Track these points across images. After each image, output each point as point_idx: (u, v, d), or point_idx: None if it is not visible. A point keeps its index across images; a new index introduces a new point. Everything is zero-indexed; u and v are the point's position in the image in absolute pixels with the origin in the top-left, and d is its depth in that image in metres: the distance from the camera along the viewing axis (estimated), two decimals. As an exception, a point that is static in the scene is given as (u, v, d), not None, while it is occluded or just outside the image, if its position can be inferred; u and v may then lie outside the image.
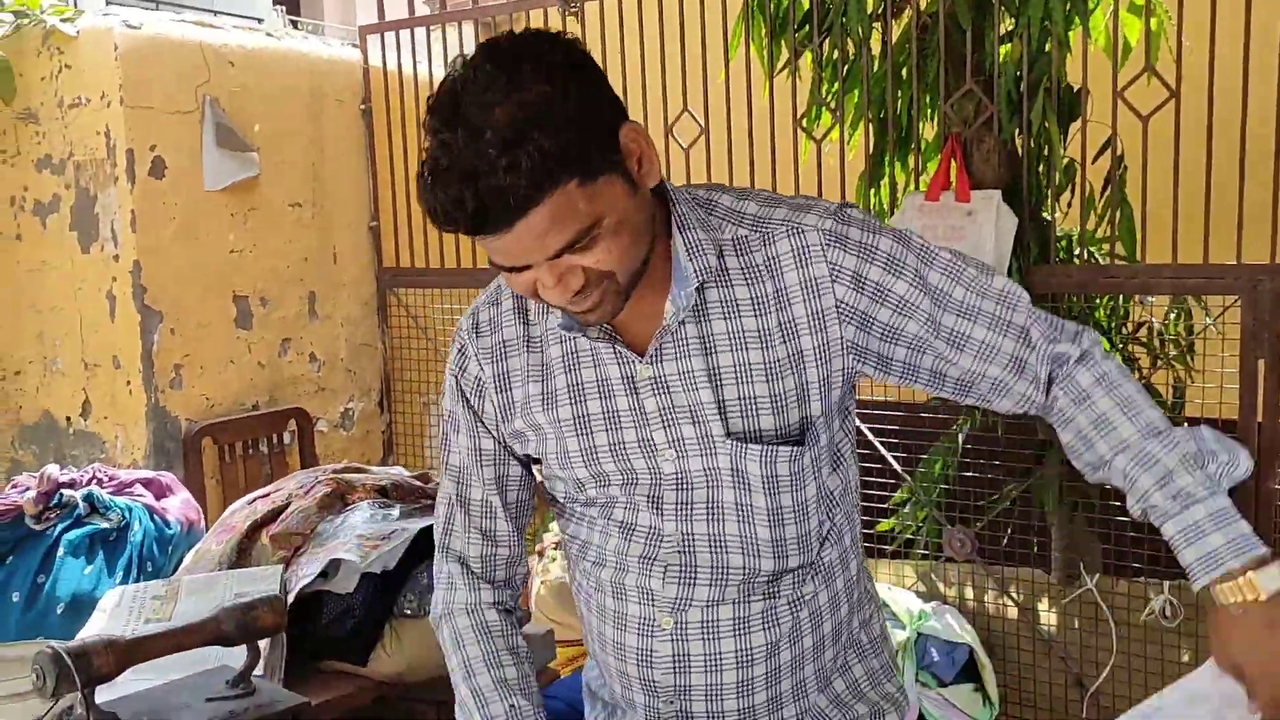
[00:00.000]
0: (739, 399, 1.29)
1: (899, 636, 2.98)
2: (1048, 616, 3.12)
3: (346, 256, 3.95)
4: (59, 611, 2.11)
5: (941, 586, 3.27)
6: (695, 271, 1.27)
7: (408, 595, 2.08)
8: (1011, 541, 3.11)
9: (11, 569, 2.14)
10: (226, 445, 3.52)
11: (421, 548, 2.11)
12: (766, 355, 1.28)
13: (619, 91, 3.33)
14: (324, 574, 2.04)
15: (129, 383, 3.40)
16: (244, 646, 1.81)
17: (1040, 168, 2.98)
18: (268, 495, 2.23)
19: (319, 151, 3.83)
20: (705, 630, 1.35)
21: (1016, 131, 2.90)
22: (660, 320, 1.30)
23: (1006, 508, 3.10)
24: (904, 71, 3.05)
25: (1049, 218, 2.95)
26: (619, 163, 1.18)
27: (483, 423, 1.42)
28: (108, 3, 4.08)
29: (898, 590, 3.20)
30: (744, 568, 1.34)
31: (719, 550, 1.34)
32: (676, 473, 1.33)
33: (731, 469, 1.31)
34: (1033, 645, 3.10)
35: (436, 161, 1.12)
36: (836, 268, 1.26)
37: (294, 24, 4.09)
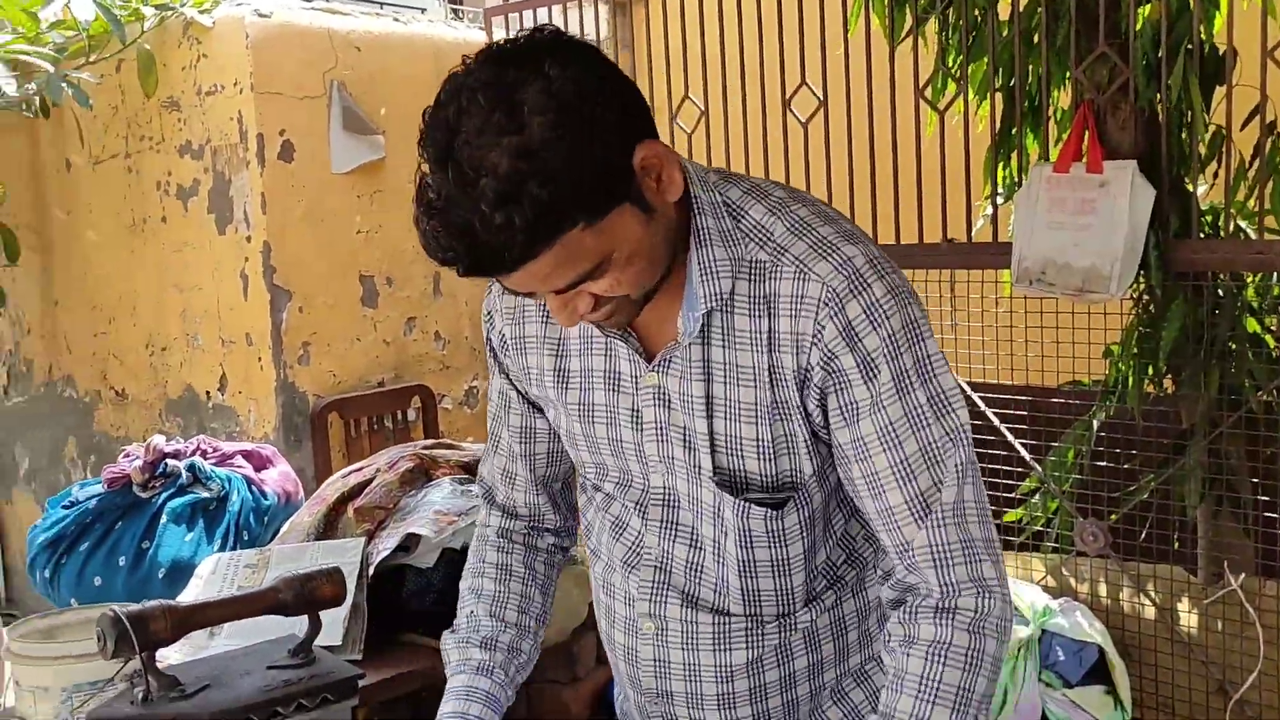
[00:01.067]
0: (725, 435, 1.22)
1: (1020, 633, 2.83)
2: (1188, 617, 2.91)
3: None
4: (160, 576, 2.19)
5: (1072, 582, 3.10)
6: (705, 296, 1.18)
7: (487, 571, 2.07)
8: (1149, 536, 2.91)
9: (119, 534, 2.24)
10: (352, 421, 3.61)
11: (502, 524, 2.10)
12: (758, 395, 1.20)
13: (736, 68, 3.27)
14: (404, 548, 2.05)
15: (260, 359, 3.52)
16: (339, 625, 1.84)
17: (1182, 136, 2.77)
18: (359, 469, 2.27)
19: (444, 133, 3.88)
20: (685, 640, 1.31)
21: (1156, 97, 2.70)
22: (673, 331, 1.23)
23: (1144, 500, 2.91)
24: (1034, 37, 2.88)
25: (1192, 189, 2.74)
26: (632, 191, 1.10)
27: (509, 376, 1.41)
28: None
29: (1022, 584, 3.04)
30: (713, 605, 1.30)
31: (693, 579, 1.30)
32: (664, 488, 1.29)
33: (712, 506, 1.26)
34: (1171, 648, 2.90)
35: (429, 200, 1.07)
36: (820, 331, 1.15)
37: (455, 13, 4.15)
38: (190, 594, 2.10)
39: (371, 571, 2.03)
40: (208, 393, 3.71)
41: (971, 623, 1.16)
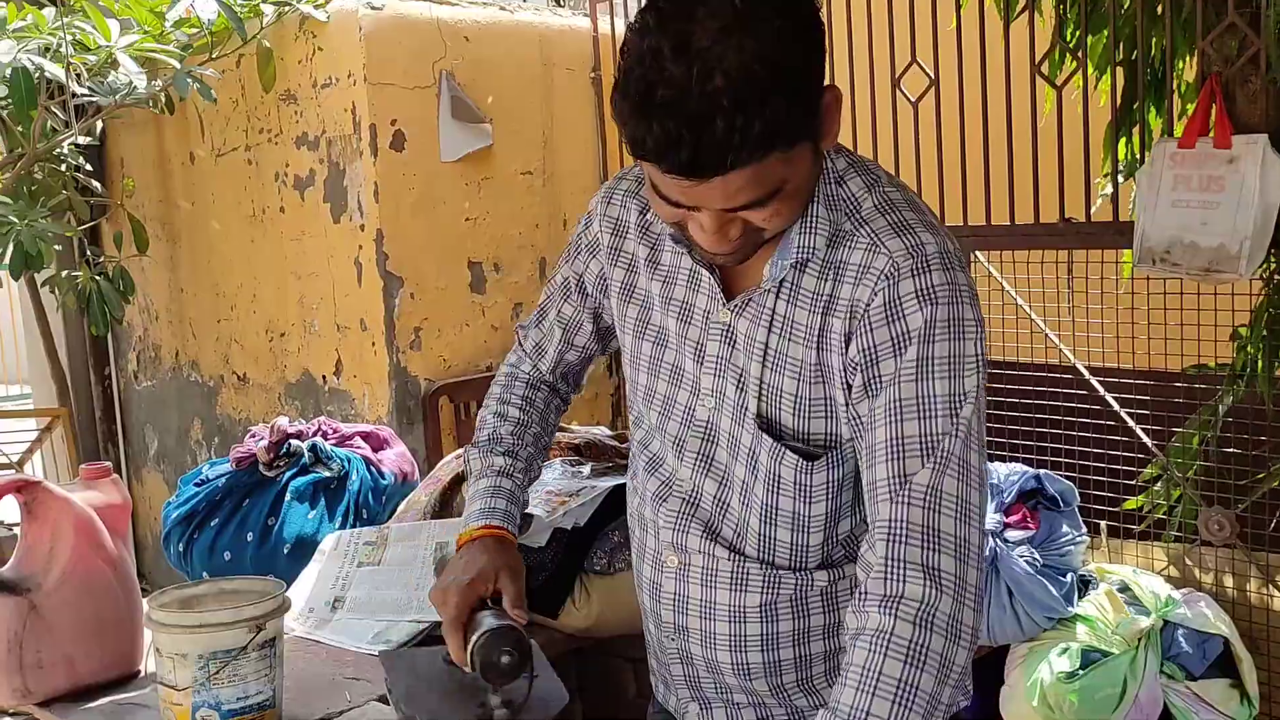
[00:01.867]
0: (769, 385, 1.27)
1: (1142, 624, 2.76)
2: (1321, 610, 2.81)
3: (576, 222, 4.03)
4: (285, 551, 2.27)
5: (1196, 572, 3.01)
6: (799, 248, 1.22)
7: (598, 552, 2.10)
8: (1278, 526, 2.81)
9: (247, 511, 2.32)
10: (462, 404, 3.67)
11: (612, 507, 2.12)
12: (803, 354, 1.24)
13: (843, 46, 3.23)
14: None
15: (374, 344, 3.60)
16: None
17: (1316, 108, 2.66)
18: (474, 450, 2.31)
19: (550, 120, 3.92)
20: (705, 576, 1.34)
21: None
22: (758, 277, 1.27)
23: (1273, 488, 2.81)
24: (1157, 8, 2.79)
25: (1326, 164, 2.62)
26: (816, 130, 1.13)
27: (582, 275, 1.48)
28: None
29: (1144, 574, 2.96)
30: (730, 542, 1.33)
31: (717, 514, 1.33)
32: (707, 423, 1.32)
33: (749, 448, 1.29)
34: (1301, 641, 2.80)
35: (652, 89, 1.04)
36: (871, 300, 1.19)
37: (560, 1, 4.18)
38: (314, 568, 2.17)
39: (487, 550, 2.07)
40: (324, 377, 3.81)
41: (916, 614, 1.10)
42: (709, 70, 1.03)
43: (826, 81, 1.14)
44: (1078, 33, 2.89)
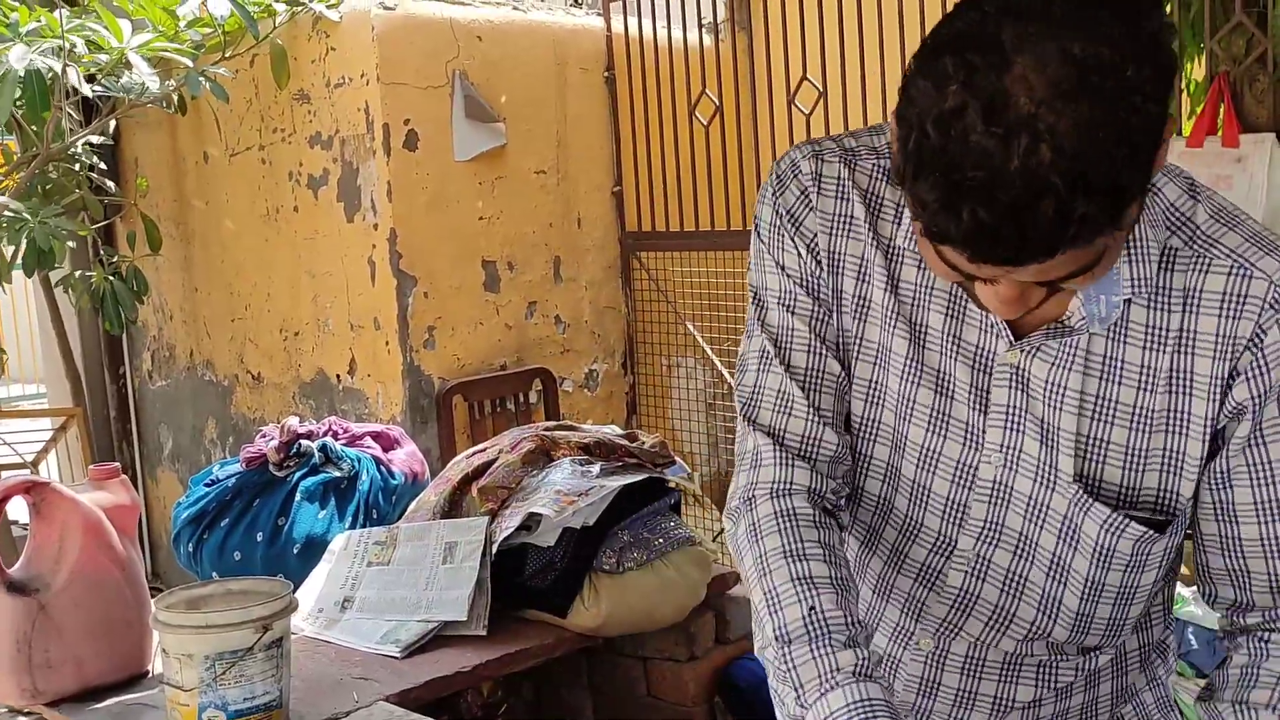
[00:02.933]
0: (1089, 437, 1.05)
1: (1151, 622, 2.76)
2: (1331, 610, 2.79)
3: (590, 221, 4.05)
4: (295, 551, 2.29)
5: (1206, 571, 3.00)
6: (1131, 280, 1.00)
7: (606, 551, 2.11)
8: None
9: (257, 511, 2.34)
10: (476, 403, 3.69)
11: (621, 506, 2.14)
12: (1140, 399, 1.03)
13: (855, 48, 3.23)
14: (527, 527, 2.10)
15: (387, 343, 3.62)
16: (463, 602, 1.75)
17: (1327, 106, 2.65)
18: (483, 450, 2.33)
19: (563, 119, 3.93)
20: (968, 665, 1.17)
21: (1297, 67, 2.59)
22: (1057, 310, 1.02)
23: None
24: (1166, 7, 2.78)
25: (1337, 162, 2.62)
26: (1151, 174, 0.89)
27: (818, 279, 1.13)
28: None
29: (1153, 573, 2.95)
30: (1033, 624, 1.14)
31: (1011, 593, 1.13)
32: (994, 482, 1.10)
33: (1065, 516, 1.07)
34: (1312, 640, 2.79)
35: (957, 165, 0.82)
36: (1261, 335, 0.99)
37: (577, 0, 4.17)
38: (324, 567, 2.19)
39: (495, 550, 2.09)
40: (338, 376, 3.83)
41: None
42: (1035, 143, 0.80)
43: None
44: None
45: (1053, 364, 1.05)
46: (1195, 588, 2.72)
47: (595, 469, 2.16)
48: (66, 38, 3.23)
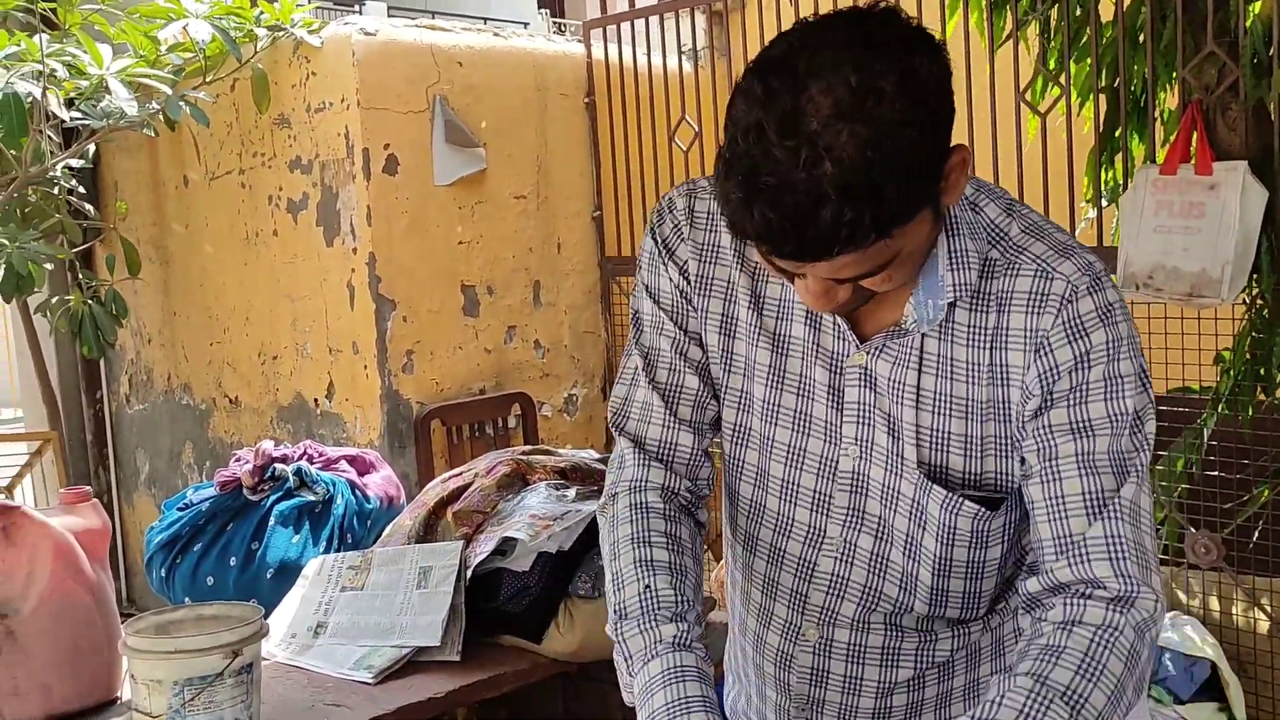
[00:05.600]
0: (932, 429, 1.19)
1: (1127, 647, 2.76)
2: (1307, 634, 2.81)
3: (570, 246, 4.05)
4: (269, 576, 2.28)
5: (1182, 596, 3.01)
6: (954, 286, 1.15)
7: (582, 576, 2.10)
8: (1262, 549, 2.81)
9: (230, 535, 2.33)
10: (454, 427, 3.68)
11: (595, 530, 2.13)
12: (971, 391, 1.17)
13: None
14: (501, 551, 2.10)
15: (366, 367, 3.62)
16: (437, 627, 1.74)
17: (1297, 135, 2.68)
18: (459, 474, 2.32)
19: (543, 145, 3.94)
20: (851, 651, 1.27)
21: (1267, 96, 2.62)
22: (896, 314, 1.18)
23: (1258, 511, 2.81)
24: (1139, 36, 2.81)
25: (1307, 190, 2.64)
26: (937, 195, 1.05)
27: (688, 302, 1.27)
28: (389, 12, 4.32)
29: (1130, 597, 2.96)
30: (897, 600, 1.25)
31: (877, 573, 1.24)
32: (853, 474, 1.22)
33: (912, 499, 1.20)
34: (1288, 665, 2.80)
35: (756, 172, 0.98)
36: (1053, 325, 1.13)
37: (559, 27, 4.22)
38: (297, 592, 2.17)
39: (469, 574, 2.08)
40: (316, 400, 3.82)
41: (1140, 624, 1.10)
42: (817, 156, 0.96)
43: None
44: (1061, 60, 2.92)
45: (894, 363, 1.19)
46: (1172, 613, 2.70)
47: (571, 493, 2.15)
48: (46, 62, 3.23)
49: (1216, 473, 2.85)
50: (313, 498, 2.34)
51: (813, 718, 1.30)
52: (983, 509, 1.18)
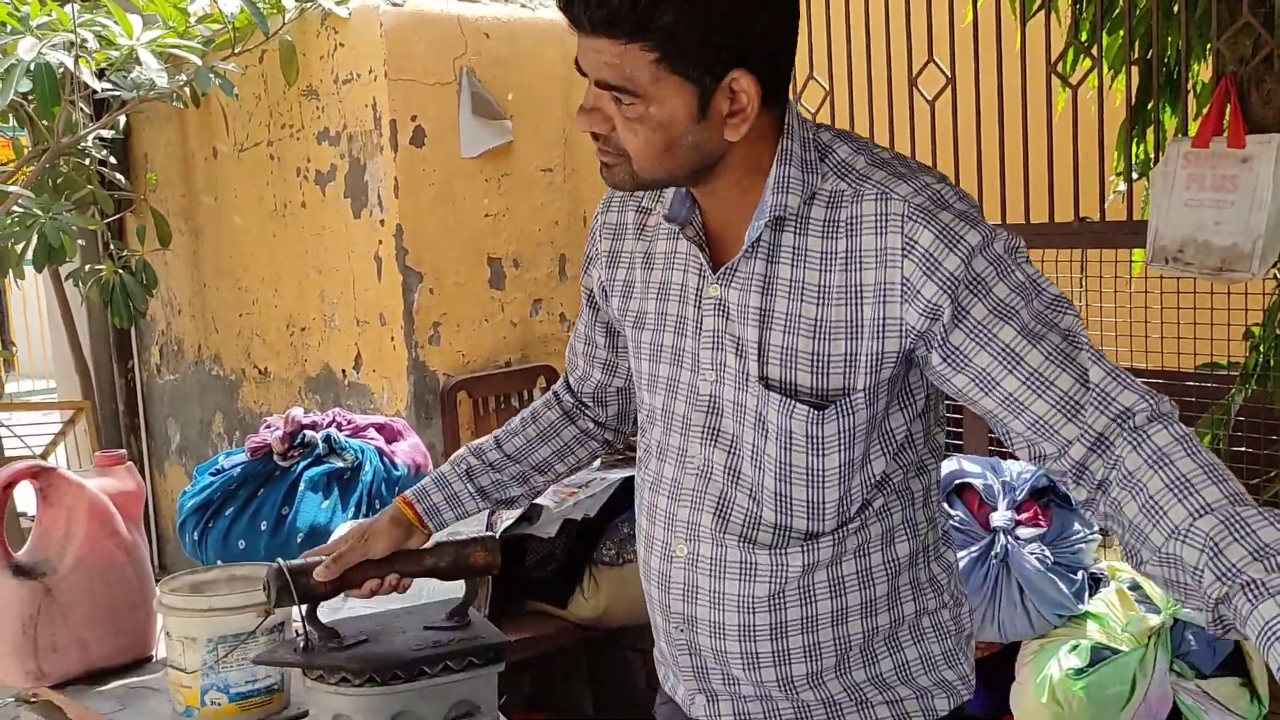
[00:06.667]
0: (781, 348, 1.29)
1: (1152, 622, 2.76)
2: (1333, 611, 2.79)
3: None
4: (299, 541, 2.30)
5: (1208, 571, 3.00)
6: (772, 206, 1.26)
7: (606, 543, 2.12)
8: (1290, 525, 2.80)
9: (261, 500, 2.35)
10: (480, 399, 3.71)
11: (621, 499, 2.14)
12: (820, 312, 1.27)
13: (861, 46, 3.24)
14: (528, 518, 2.11)
15: (393, 339, 3.64)
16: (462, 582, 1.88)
17: (1332, 107, 2.65)
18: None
19: (570, 117, 3.94)
20: (714, 566, 1.36)
21: (1303, 67, 2.59)
22: (736, 248, 1.32)
23: (1285, 488, 2.80)
24: (1173, 7, 2.78)
25: (1342, 163, 2.61)
26: (707, 86, 1.19)
27: (591, 291, 1.53)
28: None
29: (1155, 572, 2.95)
30: (747, 510, 1.35)
31: (731, 484, 1.35)
32: (710, 396, 1.35)
33: (755, 410, 1.31)
34: (1314, 641, 2.79)
35: None
36: (911, 242, 1.22)
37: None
38: (327, 558, 2.20)
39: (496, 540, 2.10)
40: (343, 371, 3.85)
41: (1175, 416, 1.17)
42: None
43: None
44: (1093, 32, 2.90)
45: (741, 290, 1.30)
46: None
47: (596, 461, 2.17)
48: (77, 32, 3.25)
49: (1244, 448, 2.83)
50: (342, 464, 2.36)
51: (691, 639, 1.39)
52: (812, 410, 1.28)
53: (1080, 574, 2.78)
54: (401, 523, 1.51)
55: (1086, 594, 2.78)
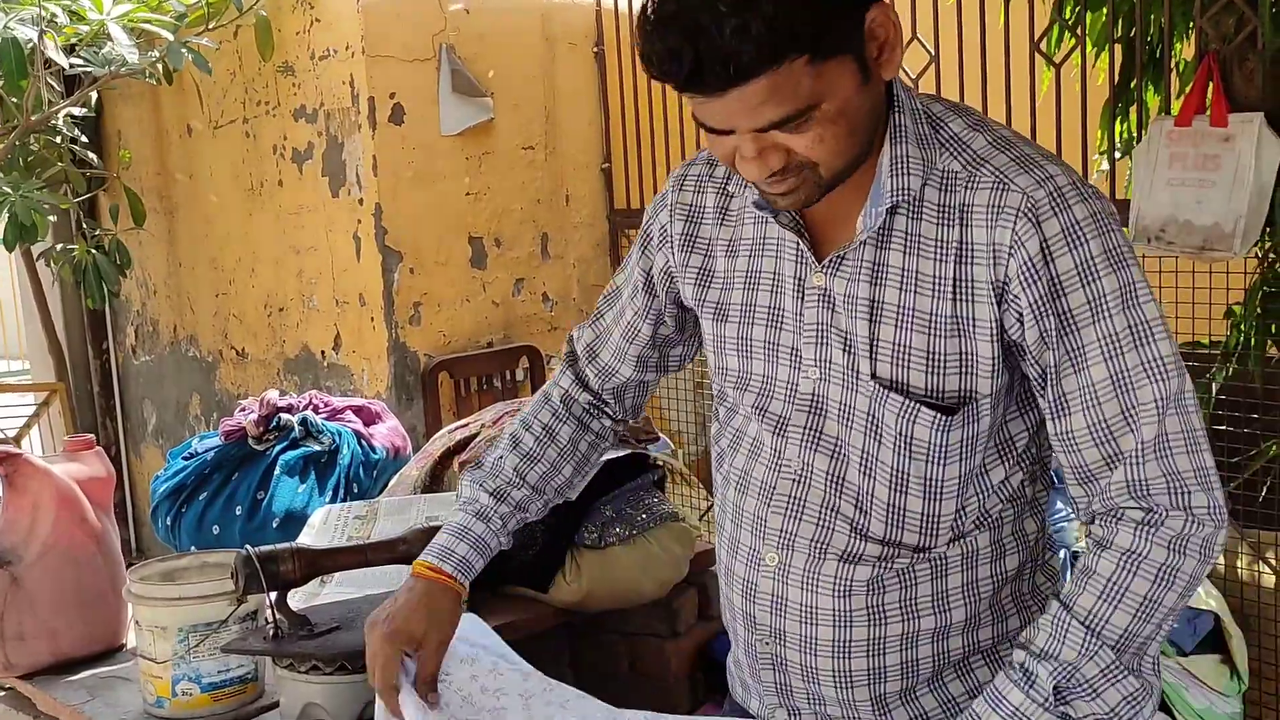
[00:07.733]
0: (893, 343, 1.19)
1: (1132, 601, 2.77)
2: (1312, 589, 2.81)
3: (579, 198, 4.02)
4: (274, 526, 2.27)
5: (1188, 550, 3.00)
6: (892, 190, 1.17)
7: (588, 526, 2.10)
8: (1270, 503, 2.81)
9: (236, 485, 2.32)
10: (462, 380, 3.68)
11: (604, 481, 2.12)
12: (935, 305, 1.17)
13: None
14: (507, 502, 2.09)
15: (373, 319, 3.60)
16: None
17: (1314, 86, 2.64)
18: (465, 425, 2.31)
19: (552, 95, 3.90)
20: (806, 578, 1.26)
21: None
22: (853, 232, 1.21)
23: (1266, 465, 2.81)
24: (1156, -16, 2.77)
25: (1324, 142, 2.60)
26: (858, 45, 1.08)
27: (650, 272, 1.40)
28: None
29: (1136, 552, 2.96)
30: (853, 520, 1.25)
31: (834, 491, 1.25)
32: (813, 395, 1.25)
33: (868, 413, 1.21)
34: (1291, 619, 2.81)
35: (662, 6, 1.06)
36: (1019, 243, 1.13)
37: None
38: (304, 542, 2.17)
39: (474, 524, 2.07)
40: (323, 352, 3.82)
41: (1173, 540, 1.12)
42: None
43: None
44: (1077, 10, 2.88)
45: (849, 279, 1.21)
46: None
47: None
48: (45, 6, 3.19)
49: (1225, 427, 2.84)
50: (318, 448, 2.33)
51: (777, 652, 1.30)
52: (939, 415, 1.18)
53: (1063, 553, 2.78)
54: (450, 593, 1.41)
55: (1068, 573, 2.78)
